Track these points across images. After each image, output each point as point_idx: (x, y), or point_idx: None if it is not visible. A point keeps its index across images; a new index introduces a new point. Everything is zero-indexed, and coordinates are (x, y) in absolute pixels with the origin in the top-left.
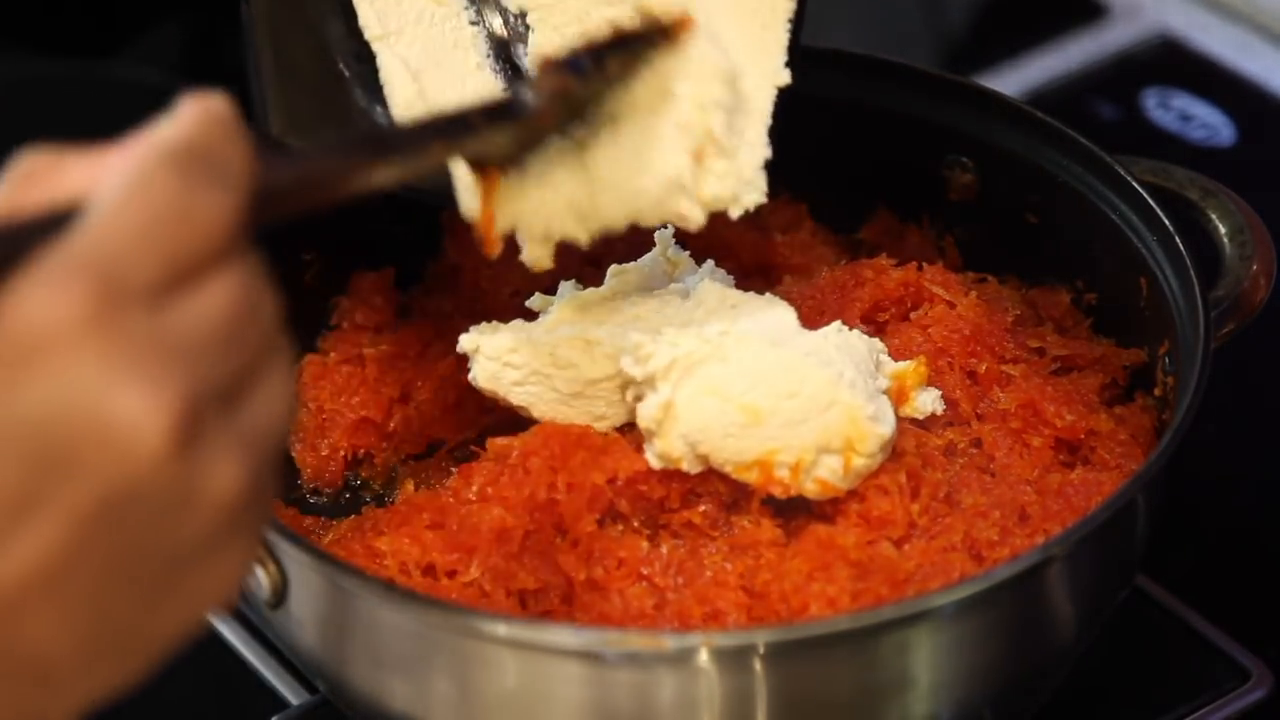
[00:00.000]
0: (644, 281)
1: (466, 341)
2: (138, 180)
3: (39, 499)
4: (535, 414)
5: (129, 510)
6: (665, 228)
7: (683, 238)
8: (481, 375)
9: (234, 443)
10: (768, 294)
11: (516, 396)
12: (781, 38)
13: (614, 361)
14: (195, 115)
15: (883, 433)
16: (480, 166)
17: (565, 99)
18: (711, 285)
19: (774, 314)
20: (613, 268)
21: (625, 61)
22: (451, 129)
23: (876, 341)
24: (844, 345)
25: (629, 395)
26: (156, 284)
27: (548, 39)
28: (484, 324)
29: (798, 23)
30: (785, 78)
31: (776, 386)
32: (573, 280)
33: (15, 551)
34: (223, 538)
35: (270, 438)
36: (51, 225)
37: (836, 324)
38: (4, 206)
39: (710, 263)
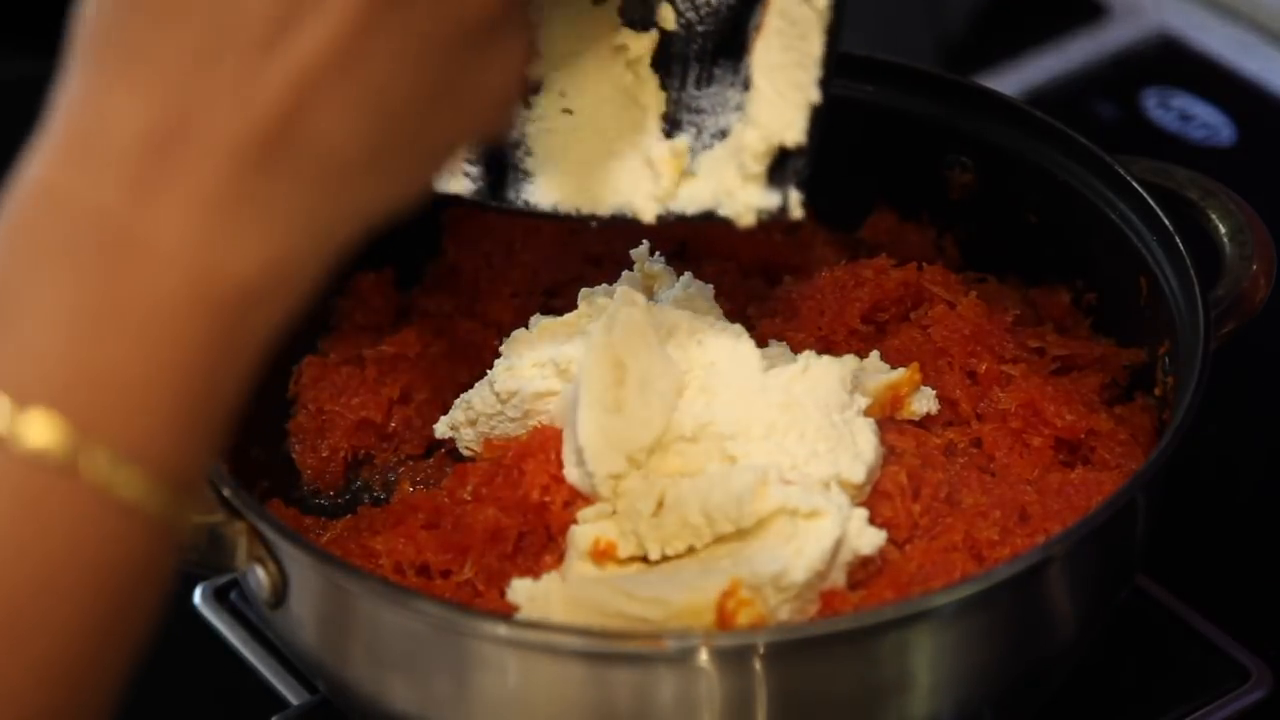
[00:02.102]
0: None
1: (441, 431)
2: None
3: None
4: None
5: None
6: (642, 243)
7: (684, 236)
8: (464, 445)
9: None
10: (736, 327)
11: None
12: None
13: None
14: None
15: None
16: None
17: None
18: (680, 316)
19: (739, 353)
20: (583, 292)
21: None
22: None
23: (851, 360)
24: (811, 388)
25: None
26: None
27: None
28: (453, 410)
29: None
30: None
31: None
32: (537, 315)
33: (302, 42)
34: (492, 36)
35: None
36: None
37: (803, 360)
38: None
39: (688, 275)
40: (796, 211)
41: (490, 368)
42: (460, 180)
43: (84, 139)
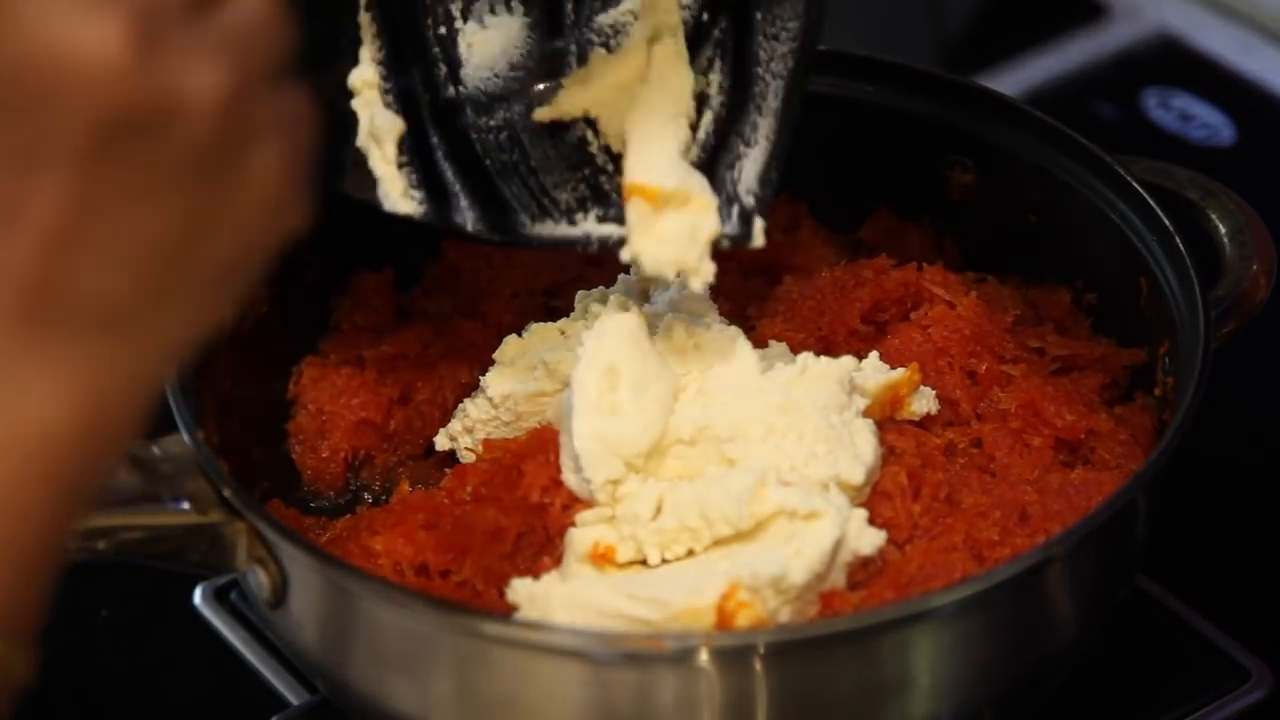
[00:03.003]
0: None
1: (441, 443)
2: None
3: (35, 152)
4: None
5: (123, 135)
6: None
7: None
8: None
9: (206, 45)
10: (733, 330)
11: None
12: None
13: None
14: None
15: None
16: None
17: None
18: (676, 322)
19: (736, 356)
20: (579, 295)
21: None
22: None
23: (849, 361)
24: (809, 389)
25: None
26: None
27: None
28: (451, 421)
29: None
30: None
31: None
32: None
33: (33, 209)
34: (234, 144)
35: (252, 37)
36: None
37: (801, 362)
38: None
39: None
40: (758, 240)
41: (490, 368)
42: (407, 201)
43: None
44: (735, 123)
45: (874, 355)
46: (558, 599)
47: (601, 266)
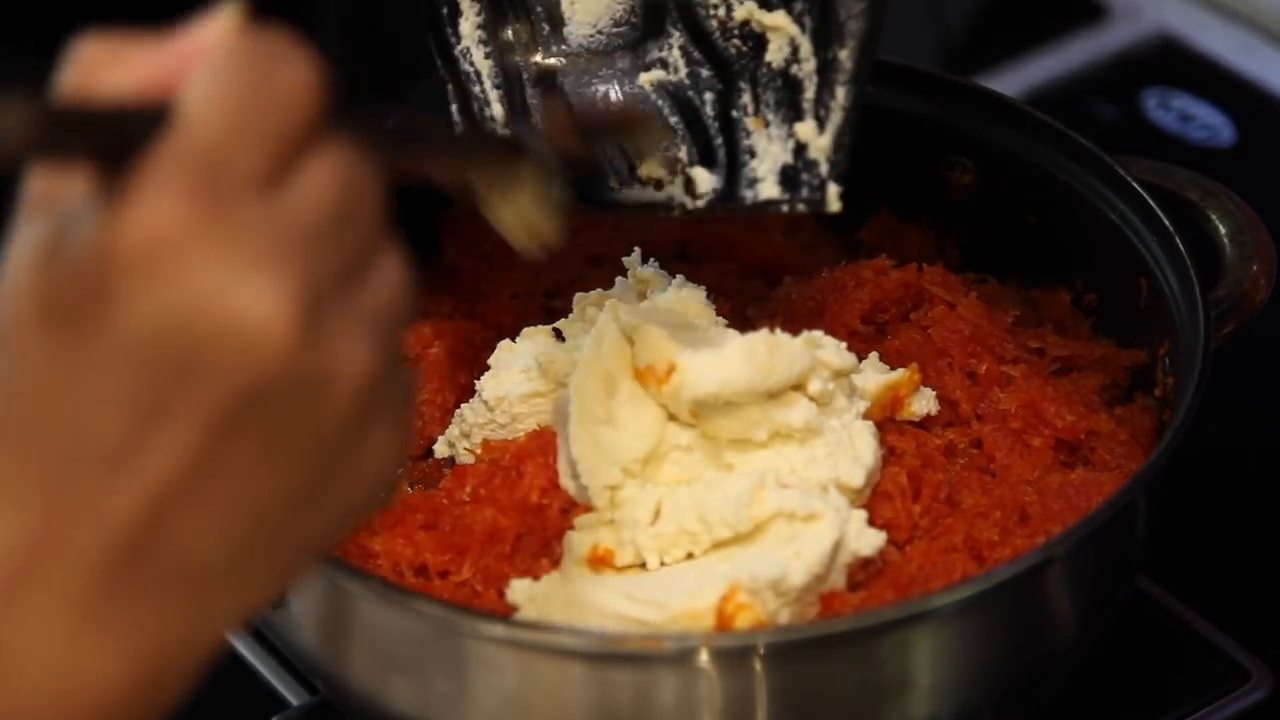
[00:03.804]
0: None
1: (441, 450)
2: (223, 68)
3: (168, 407)
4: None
5: (263, 406)
6: (632, 251)
7: (684, 237)
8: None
9: (357, 323)
10: (730, 333)
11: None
12: None
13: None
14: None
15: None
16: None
17: (563, 160)
18: (674, 322)
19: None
20: (577, 297)
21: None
22: (469, 150)
23: (850, 357)
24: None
25: None
26: (260, 173)
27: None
28: (449, 428)
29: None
30: None
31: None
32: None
33: (152, 461)
34: (364, 423)
35: (393, 316)
36: (148, 120)
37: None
38: (75, 93)
39: (680, 278)
40: (833, 205)
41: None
42: None
43: None
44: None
45: (874, 356)
46: (557, 600)
47: (602, 267)
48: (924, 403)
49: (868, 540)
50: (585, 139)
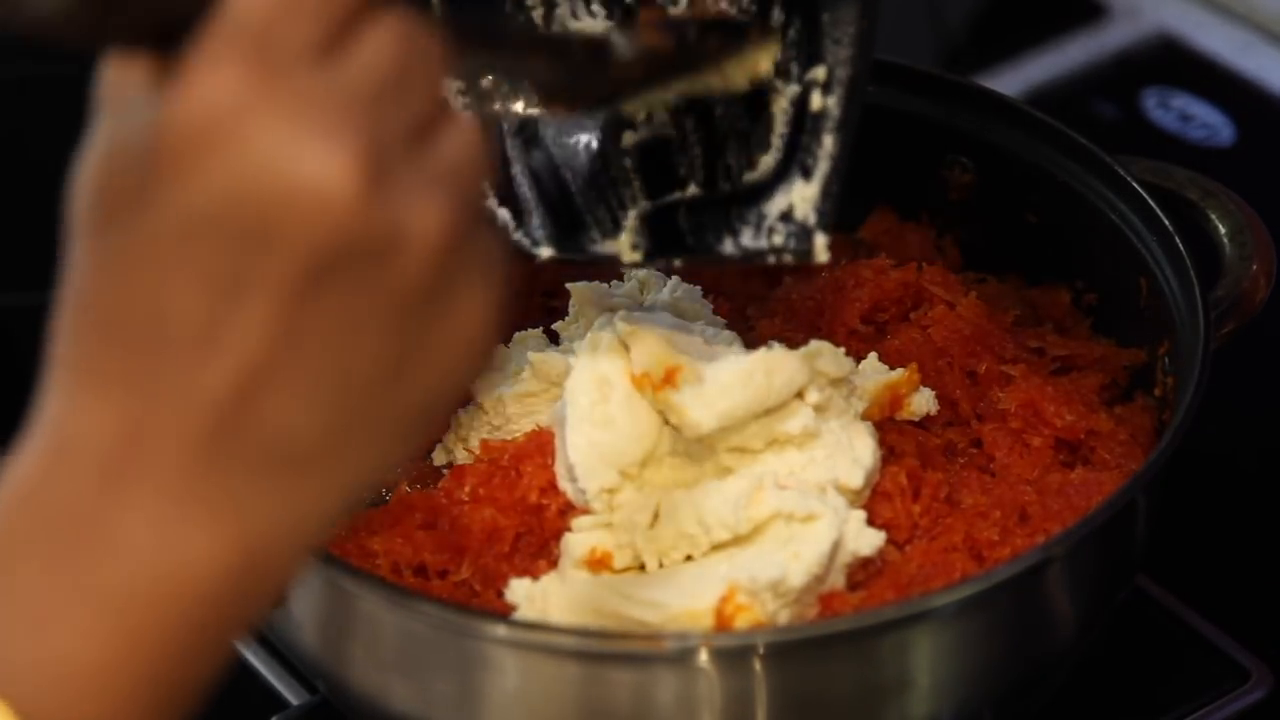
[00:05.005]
0: (601, 300)
1: (440, 459)
2: None
3: (245, 279)
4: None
5: (339, 268)
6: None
7: None
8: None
9: (428, 180)
10: (728, 334)
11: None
12: None
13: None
14: None
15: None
16: (548, 97)
17: (654, 61)
18: (671, 325)
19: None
20: (571, 287)
21: (722, 49)
22: (549, 46)
23: (848, 362)
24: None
25: None
26: (315, 41)
27: None
28: (446, 436)
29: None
30: None
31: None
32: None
33: (235, 337)
34: (447, 284)
35: (465, 174)
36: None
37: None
38: None
39: (676, 279)
40: (821, 256)
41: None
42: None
43: (58, 451)
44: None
45: (873, 356)
46: (556, 600)
47: (601, 267)
48: (924, 402)
49: (867, 540)
50: (688, 37)
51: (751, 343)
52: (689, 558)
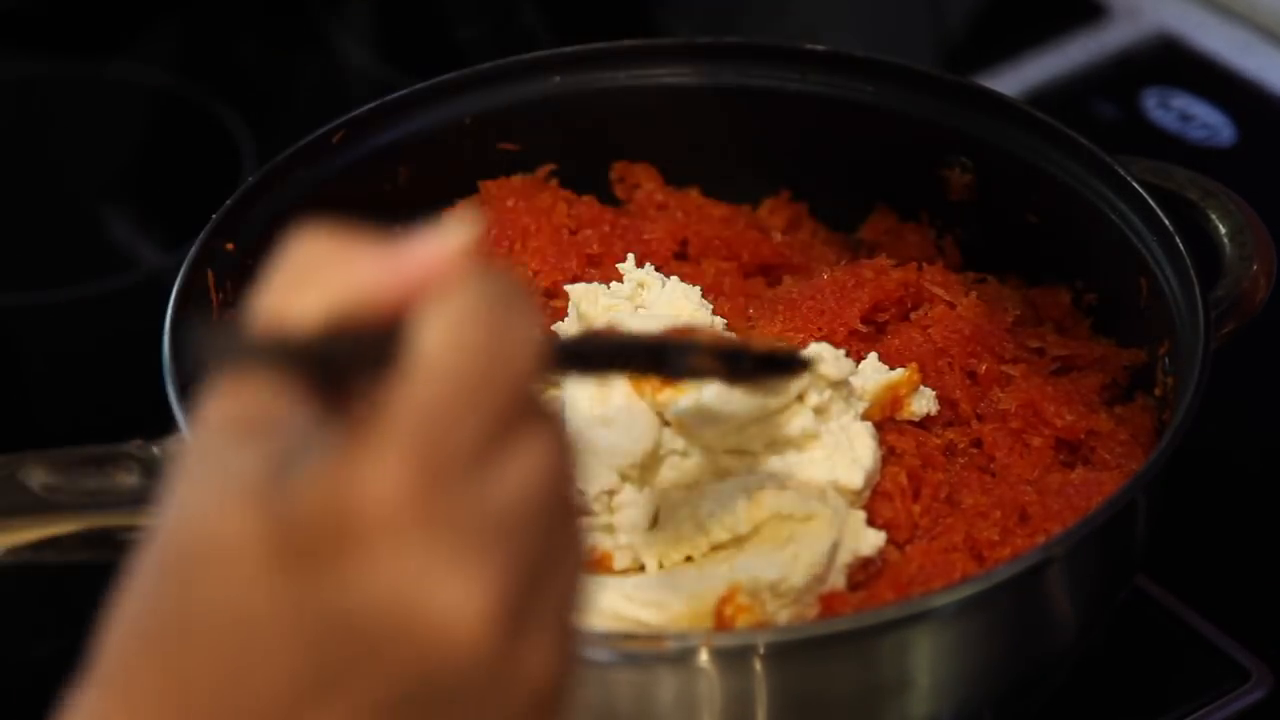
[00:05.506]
0: (600, 301)
1: None
2: (460, 314)
3: (333, 687)
4: None
5: (436, 700)
6: (628, 256)
7: (685, 236)
8: None
9: (550, 622)
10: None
11: None
12: None
13: None
14: (474, 238)
15: (794, 584)
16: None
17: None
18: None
19: None
20: (570, 289)
21: (764, 383)
22: (641, 362)
23: (848, 364)
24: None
25: None
26: (477, 448)
27: None
28: None
29: None
30: None
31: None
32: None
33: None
34: (541, 713)
35: (576, 611)
36: (375, 344)
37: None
38: (279, 306)
39: (675, 278)
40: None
41: None
42: None
43: None
44: None
45: (873, 356)
46: None
47: (601, 267)
48: (924, 402)
49: (867, 540)
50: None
51: None
52: (689, 558)
